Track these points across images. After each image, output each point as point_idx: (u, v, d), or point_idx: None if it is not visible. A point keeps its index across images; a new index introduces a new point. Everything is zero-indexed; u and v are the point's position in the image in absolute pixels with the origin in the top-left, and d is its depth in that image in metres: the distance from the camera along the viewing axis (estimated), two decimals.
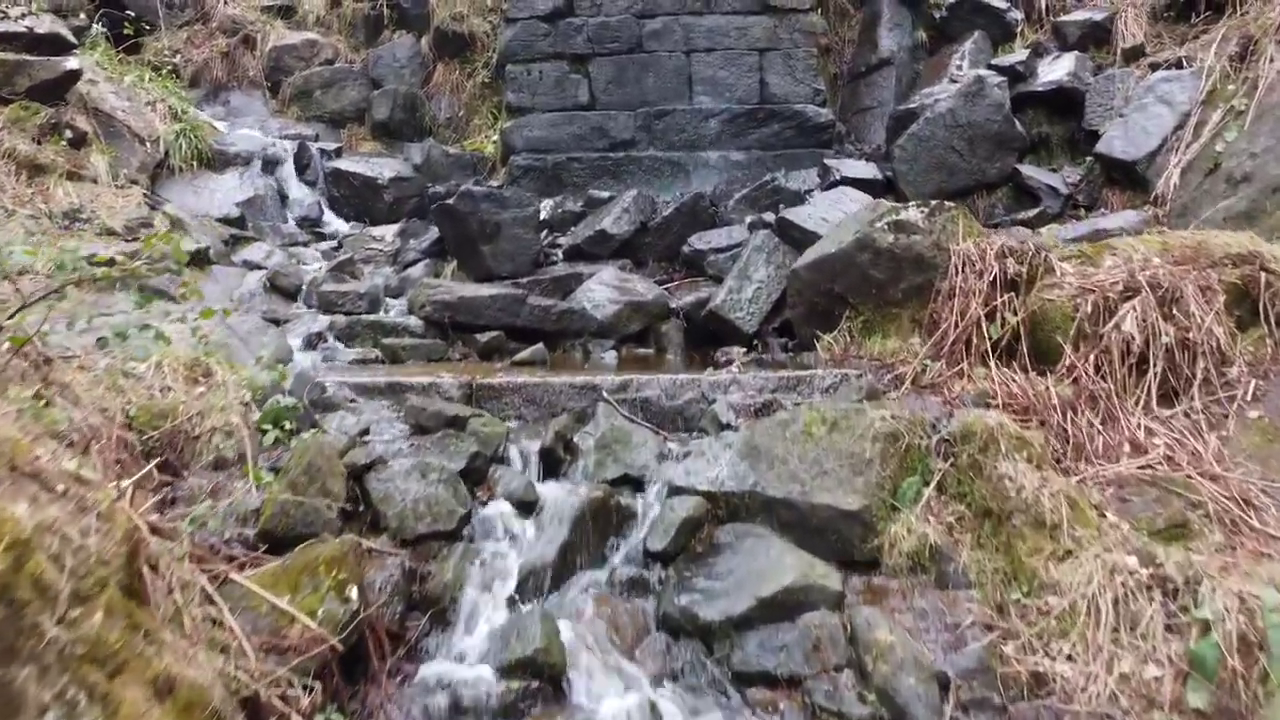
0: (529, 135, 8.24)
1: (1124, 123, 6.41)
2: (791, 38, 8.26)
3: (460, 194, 5.84)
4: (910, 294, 4.21)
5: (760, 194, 6.93)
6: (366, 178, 7.59)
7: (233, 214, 6.81)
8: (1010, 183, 6.63)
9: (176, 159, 6.97)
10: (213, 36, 8.92)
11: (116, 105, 6.74)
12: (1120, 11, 7.77)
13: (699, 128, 8.20)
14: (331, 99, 8.83)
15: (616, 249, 6.25)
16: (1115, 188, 6.37)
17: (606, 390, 3.98)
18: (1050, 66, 7.33)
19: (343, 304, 5.53)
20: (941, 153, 6.57)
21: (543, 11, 8.27)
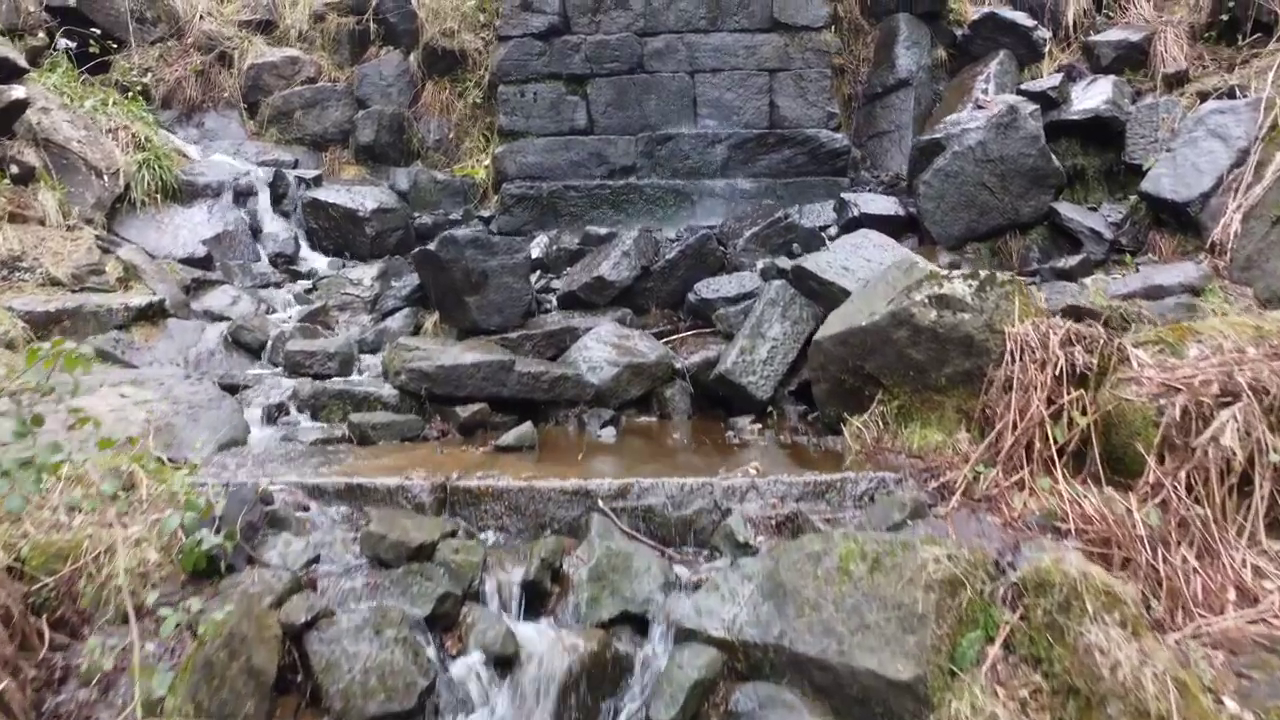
0: (522, 161, 7.61)
1: (1172, 159, 5.77)
2: (803, 57, 7.63)
3: (443, 240, 5.21)
4: (956, 380, 3.57)
5: (772, 232, 6.29)
6: (347, 209, 6.96)
7: (198, 253, 6.18)
8: (1046, 222, 6.00)
9: (138, 192, 6.34)
10: (187, 54, 8.28)
11: (71, 135, 6.10)
12: (1158, 32, 7.14)
13: (704, 154, 7.57)
14: (313, 120, 8.19)
15: (616, 297, 5.60)
16: (1163, 230, 5.74)
17: (603, 497, 3.36)
18: (1085, 92, 6.69)
19: (310, 365, 4.90)
20: (971, 190, 5.94)
21: (537, 29, 7.64)
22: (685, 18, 7.70)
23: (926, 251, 5.98)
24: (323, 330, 5.53)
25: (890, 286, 4.06)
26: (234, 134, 8.04)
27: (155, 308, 5.07)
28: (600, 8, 7.70)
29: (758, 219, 6.43)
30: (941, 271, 3.80)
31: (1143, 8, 8.03)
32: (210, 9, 8.67)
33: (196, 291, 5.80)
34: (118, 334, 4.88)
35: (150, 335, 4.96)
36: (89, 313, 4.88)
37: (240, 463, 3.75)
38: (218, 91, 8.18)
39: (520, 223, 7.61)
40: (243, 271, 6.27)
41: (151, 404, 4.21)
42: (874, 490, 3.35)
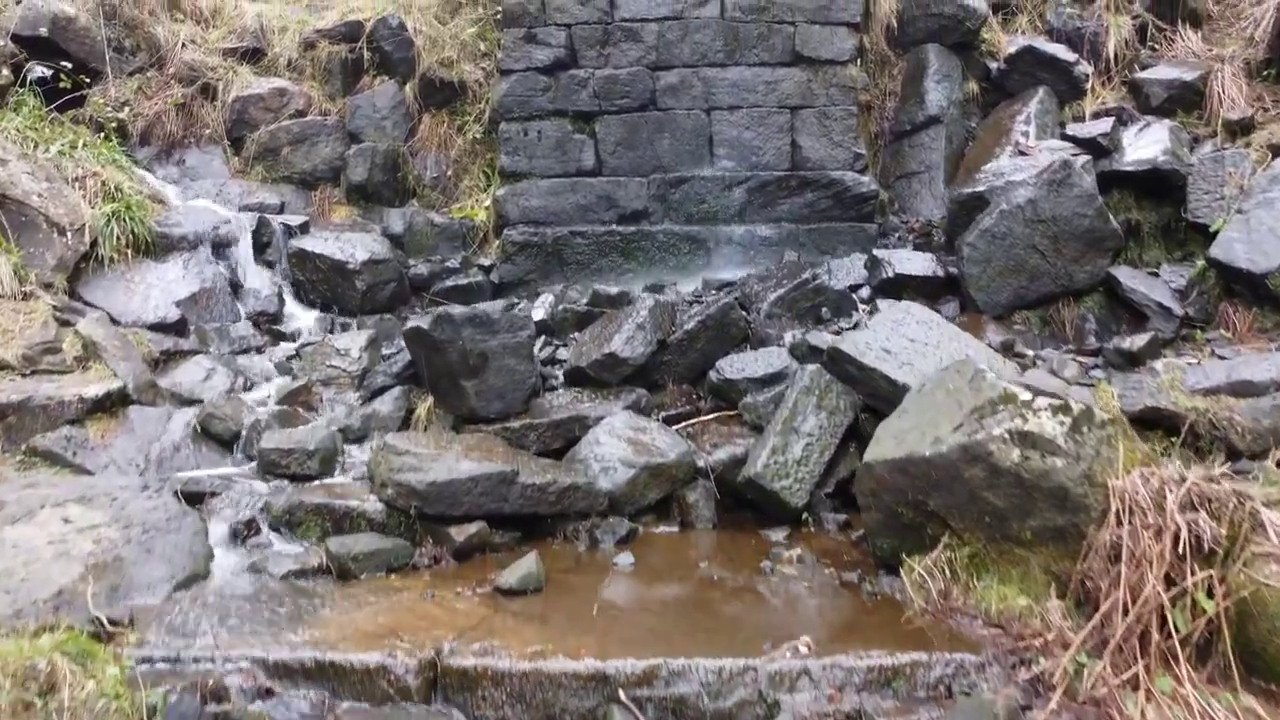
0: (525, 205, 7.00)
1: (1244, 222, 5.16)
2: (828, 94, 7.02)
3: (437, 318, 4.60)
4: (1044, 536, 2.97)
5: (800, 295, 5.68)
6: (336, 262, 6.35)
7: (170, 317, 5.58)
8: (1103, 288, 5.37)
9: (106, 248, 5.73)
10: (168, 86, 7.65)
11: (31, 189, 5.49)
12: (1214, 71, 6.51)
13: (721, 197, 6.96)
14: (302, 157, 7.57)
15: (629, 374, 5.00)
16: (1235, 301, 5.13)
17: (624, 684, 2.75)
18: (1138, 139, 6.08)
19: (288, 465, 4.30)
20: (1020, 253, 5.33)
21: (542, 63, 7.03)
22: (701, 51, 7.09)
23: (971, 321, 5.38)
24: (304, 413, 4.93)
25: (953, 400, 3.44)
26: (216, 172, 7.43)
27: (114, 396, 4.46)
28: (609, 40, 7.09)
29: (783, 280, 5.81)
30: (1017, 390, 3.18)
31: (1190, 40, 7.41)
32: (194, 36, 8.05)
33: (166, 365, 5.20)
34: (70, 430, 4.27)
35: (108, 430, 4.35)
36: (37, 406, 4.28)
37: (197, 616, 3.14)
38: (200, 126, 7.57)
39: (522, 272, 7.01)
40: (220, 336, 5.65)
41: (100, 530, 3.63)
42: (951, 678, 2.74)
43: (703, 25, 7.09)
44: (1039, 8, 8.08)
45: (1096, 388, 4.26)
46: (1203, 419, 3.94)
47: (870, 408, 4.59)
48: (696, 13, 7.09)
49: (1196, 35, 7.48)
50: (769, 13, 7.08)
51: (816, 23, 7.09)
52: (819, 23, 7.09)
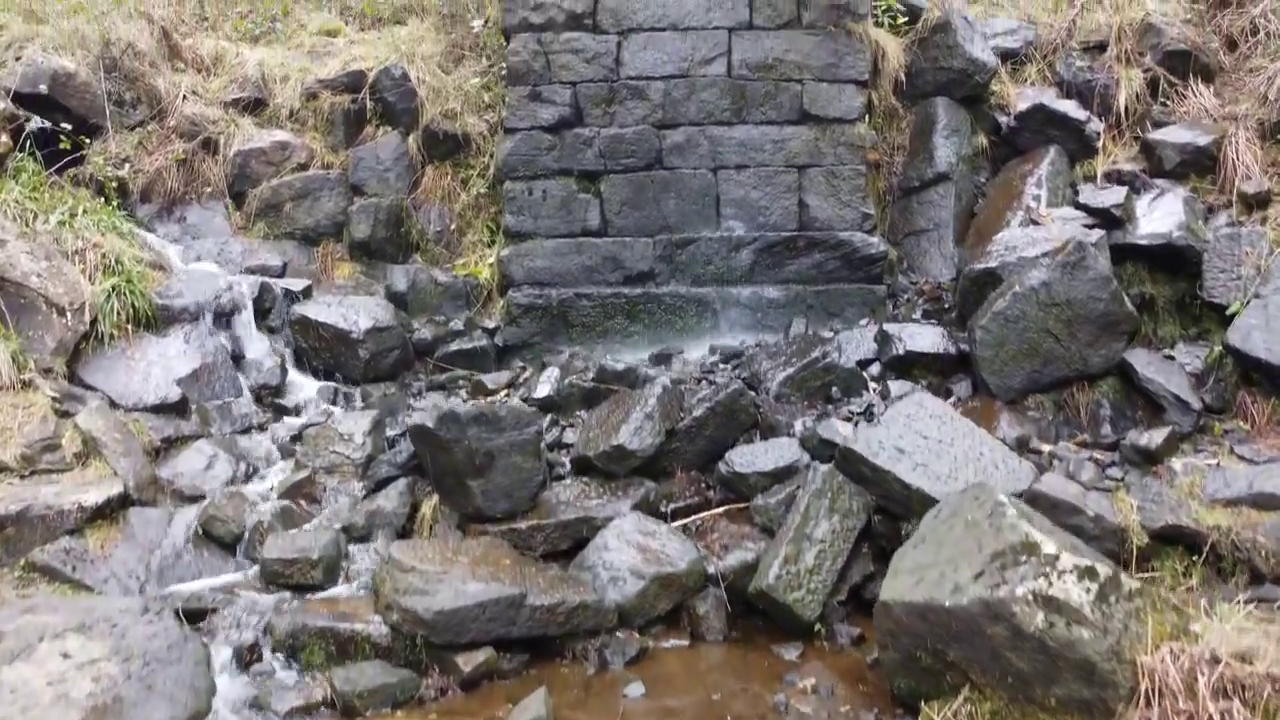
0: (530, 266, 6.90)
1: (1263, 307, 5.05)
2: (835, 152, 6.91)
3: (442, 417, 4.50)
4: (1071, 706, 2.87)
5: (809, 375, 5.59)
6: (338, 331, 6.25)
7: (171, 397, 5.47)
8: (1118, 372, 5.26)
9: (106, 325, 5.63)
10: (169, 140, 7.54)
11: (30, 269, 5.39)
12: (1228, 135, 6.40)
13: (728, 259, 6.85)
14: (304, 213, 7.47)
15: (637, 466, 4.89)
16: (1254, 390, 5.03)
17: None
18: (1151, 209, 5.98)
19: (290, 575, 4.21)
20: (1034, 336, 5.22)
21: (547, 122, 6.91)
22: (707, 109, 6.97)
23: (983, 405, 5.28)
24: (306, 506, 4.84)
25: (972, 537, 3.34)
26: (218, 229, 7.32)
27: (114, 501, 4.37)
28: (615, 98, 6.97)
29: (791, 358, 5.72)
30: (1039, 539, 3.08)
31: (1202, 95, 7.30)
32: (195, 86, 7.94)
33: (167, 453, 5.10)
34: (69, 542, 4.18)
35: (108, 538, 4.26)
36: (36, 517, 4.18)
37: None
38: (201, 182, 7.47)
39: (527, 335, 6.91)
40: (221, 415, 5.56)
41: (100, 665, 3.54)
42: None
43: (709, 83, 6.97)
44: (1049, 59, 7.97)
45: (1114, 496, 4.17)
46: (1225, 539, 3.84)
47: (884, 509, 4.50)
48: (703, 71, 6.98)
49: (1209, 90, 7.36)
50: (776, 70, 6.97)
51: (824, 80, 6.98)
52: (826, 80, 6.98)
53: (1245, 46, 7.77)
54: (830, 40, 6.95)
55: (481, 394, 6.06)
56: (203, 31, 9.25)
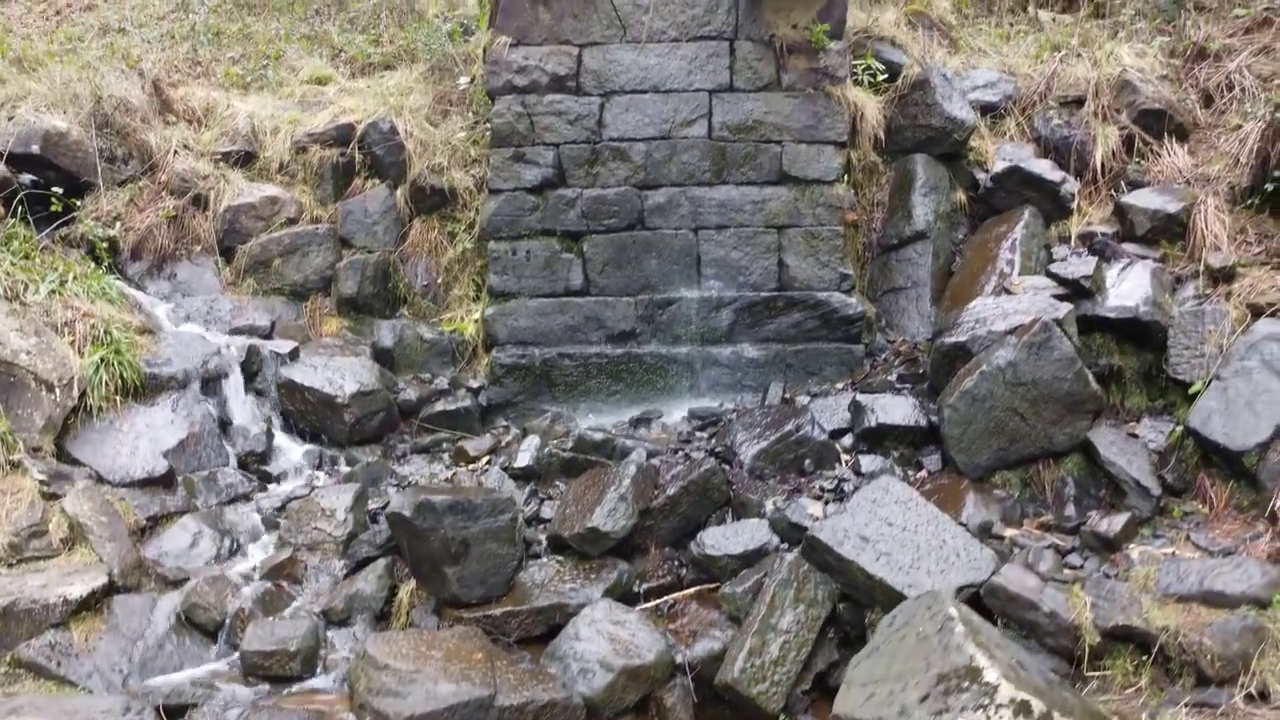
0: (514, 325, 7.01)
1: (1222, 391, 5.16)
2: (814, 213, 7.02)
3: (419, 507, 4.61)
4: None
5: (783, 448, 5.71)
6: (324, 395, 6.37)
7: (158, 470, 5.59)
8: (1082, 451, 5.37)
9: (95, 398, 5.74)
10: (159, 197, 7.65)
11: (20, 347, 5.50)
12: (1198, 203, 6.50)
13: (709, 319, 6.96)
14: (293, 268, 7.57)
15: (611, 547, 5.01)
16: (1213, 472, 5.14)
17: None
18: (1120, 279, 6.09)
19: (270, 666, 4.34)
20: (1001, 415, 5.33)
21: (531, 183, 7.03)
22: (688, 170, 7.08)
23: (950, 483, 5.39)
24: (288, 587, 4.96)
25: (921, 654, 3.45)
26: (208, 286, 7.44)
27: (99, 593, 4.47)
28: (598, 159, 7.08)
29: (766, 430, 5.83)
30: (983, 664, 3.19)
31: (1176, 154, 7.40)
32: (186, 140, 8.04)
33: (153, 531, 5.23)
34: (54, 636, 4.29)
35: (92, 630, 4.37)
36: (23, 611, 4.30)
37: None
38: (192, 237, 7.57)
39: (511, 394, 7.03)
40: (207, 486, 5.67)
41: None
42: None
43: (690, 145, 7.08)
44: (1028, 112, 8.07)
45: (1070, 591, 4.27)
46: (1172, 640, 3.94)
47: (849, 596, 4.61)
48: (684, 132, 7.08)
49: (1183, 149, 7.46)
50: (756, 132, 7.07)
51: (803, 142, 7.08)
52: (806, 142, 7.08)
53: (1221, 102, 7.89)
54: (809, 103, 7.05)
55: (464, 461, 6.18)
56: (195, 78, 9.37)
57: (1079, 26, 9.47)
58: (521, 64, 7.08)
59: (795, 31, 7.10)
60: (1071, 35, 9.15)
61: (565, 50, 7.10)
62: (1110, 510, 5.06)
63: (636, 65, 7.07)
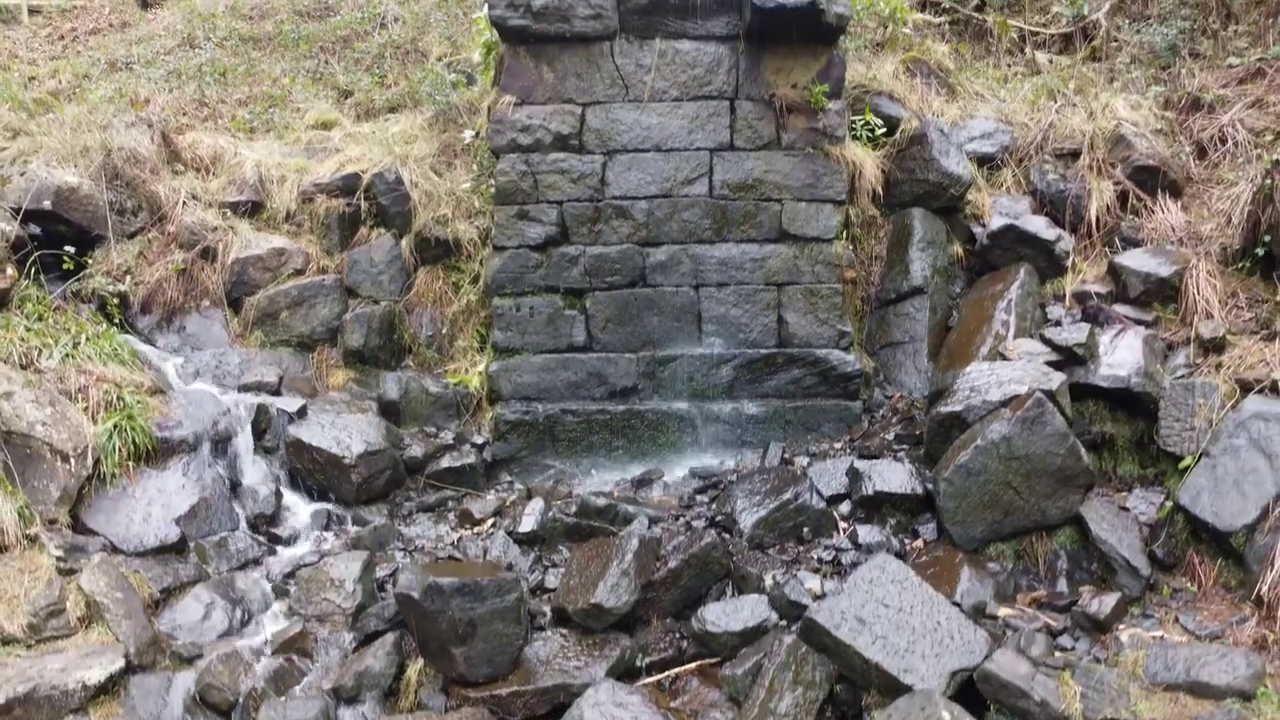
0: (518, 381, 7.12)
1: (1211, 469, 5.27)
2: (813, 270, 7.12)
3: (428, 589, 4.73)
4: None
5: (781, 516, 5.83)
6: (331, 455, 6.48)
7: (170, 538, 5.71)
8: (1074, 524, 5.49)
9: (108, 465, 5.85)
10: (168, 249, 7.75)
11: (35, 419, 5.61)
12: (1190, 266, 6.60)
13: (709, 375, 7.07)
14: (300, 320, 7.68)
15: (614, 621, 5.12)
16: (1202, 549, 5.26)
17: None
18: (1113, 346, 6.19)
19: None
20: (995, 489, 5.44)
21: (534, 241, 7.13)
22: (689, 228, 7.18)
23: (946, 555, 5.50)
24: (299, 661, 5.06)
25: None
26: (217, 338, 7.54)
27: (116, 676, 4.58)
28: (600, 217, 7.18)
29: (766, 495, 5.94)
30: None
31: (1170, 211, 7.51)
32: (194, 189, 8.14)
33: (167, 602, 5.34)
34: None
35: (110, 715, 4.49)
36: (42, 697, 4.41)
37: None
38: (201, 290, 7.68)
39: (515, 450, 7.14)
40: (218, 553, 5.79)
41: None
42: None
43: (692, 203, 7.18)
44: (1025, 164, 8.17)
45: (1060, 679, 4.38)
46: None
47: (846, 677, 4.72)
48: (685, 191, 7.18)
49: (1176, 205, 7.57)
50: (756, 190, 7.17)
51: (803, 200, 7.18)
52: (805, 200, 7.19)
53: (1214, 155, 8.00)
54: (809, 161, 7.15)
55: (469, 523, 6.29)
56: (202, 120, 9.46)
57: (1076, 68, 9.57)
58: (525, 123, 7.18)
59: (795, 91, 7.18)
60: (1069, 79, 9.26)
61: (569, 109, 7.19)
62: (1101, 587, 5.16)
63: (639, 124, 7.16)
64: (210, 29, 11.50)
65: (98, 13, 14.70)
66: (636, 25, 7.14)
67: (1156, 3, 9.79)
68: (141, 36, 12.37)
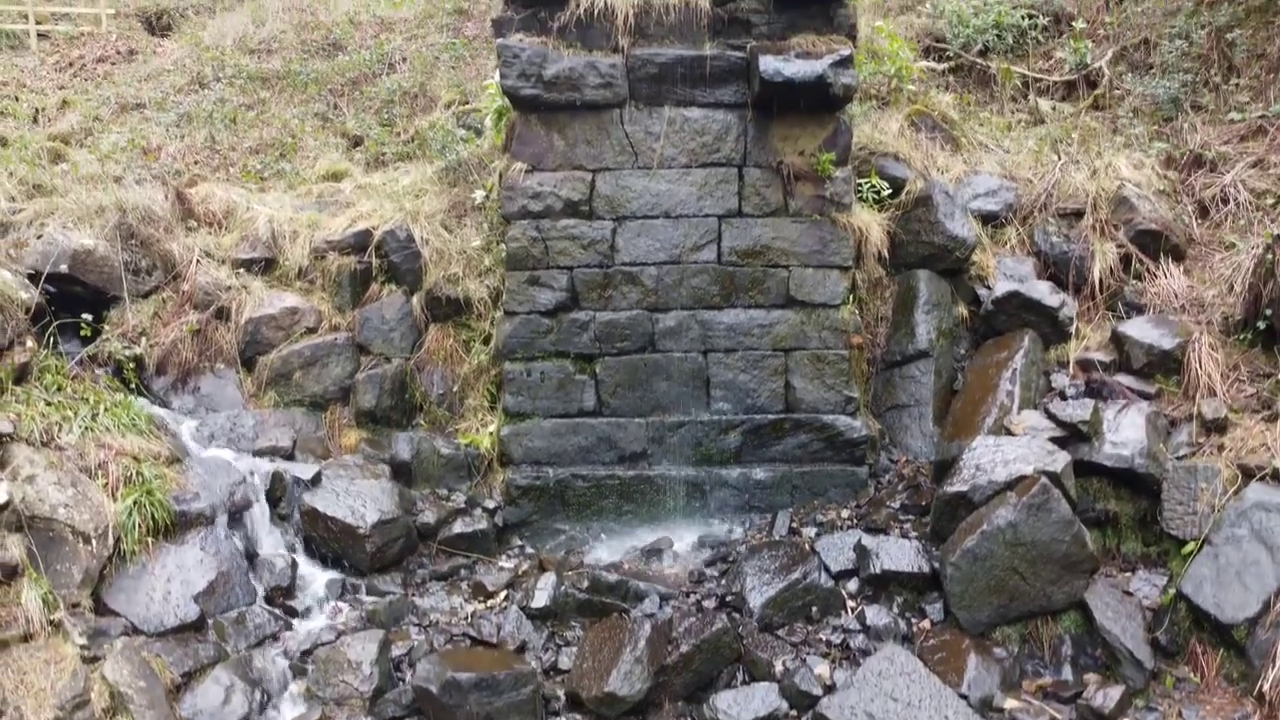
0: (529, 445, 7.20)
1: (1214, 558, 5.36)
2: (820, 336, 7.20)
3: (446, 684, 4.85)
4: None
5: (790, 595, 5.92)
6: (346, 525, 6.56)
7: (189, 616, 5.79)
8: (1079, 610, 5.57)
9: (128, 543, 5.92)
10: (183, 309, 7.82)
11: (58, 501, 5.69)
12: (1192, 340, 6.68)
13: (717, 441, 7.15)
14: (313, 380, 7.75)
15: (628, 709, 5.21)
16: (1204, 639, 5.35)
17: None
18: (1117, 423, 6.28)
19: None
20: (1001, 574, 5.53)
21: (545, 307, 7.21)
22: (698, 295, 7.25)
23: (953, 639, 5.60)
24: None
25: None
26: (231, 398, 7.62)
27: None
28: (610, 283, 7.26)
29: (776, 574, 6.03)
30: None
31: (1172, 275, 7.59)
32: (208, 246, 8.21)
33: (188, 685, 5.42)
34: None
35: None
36: None
37: None
38: (215, 350, 7.75)
39: (526, 514, 7.23)
40: (237, 630, 5.87)
41: None
42: None
43: (700, 270, 7.25)
44: (1029, 222, 8.25)
45: None
46: None
47: None
48: (694, 257, 7.25)
49: (1179, 269, 7.65)
50: (764, 257, 7.24)
51: (810, 266, 7.25)
52: (812, 266, 7.25)
53: (1216, 215, 8.07)
54: (816, 228, 7.22)
55: (482, 595, 6.39)
56: (213, 170, 9.53)
57: (1079, 117, 9.65)
58: (536, 189, 7.25)
59: (802, 158, 7.25)
60: (1072, 129, 9.33)
61: (579, 176, 7.26)
62: (1106, 675, 5.25)
63: (648, 191, 7.24)
64: (219, 66, 11.55)
65: (105, 39, 14.77)
66: (646, 93, 7.20)
67: (1159, 52, 9.85)
68: (150, 73, 12.44)
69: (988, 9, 10.30)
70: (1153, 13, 10.17)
